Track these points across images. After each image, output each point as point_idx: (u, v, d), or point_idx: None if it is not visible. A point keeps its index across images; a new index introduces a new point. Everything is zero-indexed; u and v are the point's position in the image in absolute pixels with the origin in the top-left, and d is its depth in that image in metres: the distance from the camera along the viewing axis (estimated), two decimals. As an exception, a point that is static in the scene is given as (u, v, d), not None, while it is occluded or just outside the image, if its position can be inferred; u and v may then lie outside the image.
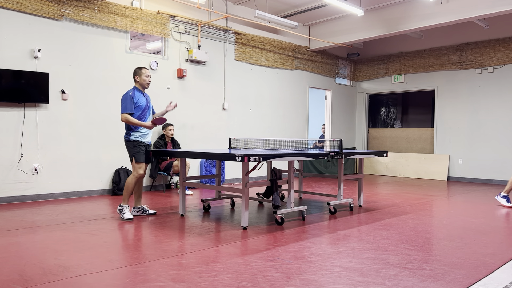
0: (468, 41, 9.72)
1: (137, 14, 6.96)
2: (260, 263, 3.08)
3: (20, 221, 4.50)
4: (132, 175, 4.64)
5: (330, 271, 2.93)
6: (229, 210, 5.41)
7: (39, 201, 5.84)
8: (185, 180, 5.02)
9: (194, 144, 7.94)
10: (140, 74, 4.70)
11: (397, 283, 2.70)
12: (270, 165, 5.97)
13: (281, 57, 9.62)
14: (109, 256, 3.23)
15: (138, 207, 4.88)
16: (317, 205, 5.83)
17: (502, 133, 9.16)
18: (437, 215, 5.19)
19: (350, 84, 11.89)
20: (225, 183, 8.38)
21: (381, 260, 3.22)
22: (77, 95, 6.32)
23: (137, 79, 4.72)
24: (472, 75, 9.68)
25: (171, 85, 7.52)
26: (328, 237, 3.95)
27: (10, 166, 5.69)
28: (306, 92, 10.36)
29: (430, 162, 10.23)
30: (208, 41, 8.13)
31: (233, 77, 8.63)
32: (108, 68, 6.68)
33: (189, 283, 2.65)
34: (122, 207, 4.63)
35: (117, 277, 2.75)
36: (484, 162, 9.37)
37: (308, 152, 4.67)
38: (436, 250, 3.54)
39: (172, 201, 6.05)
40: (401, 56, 11.01)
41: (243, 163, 4.03)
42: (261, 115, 9.24)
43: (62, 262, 3.06)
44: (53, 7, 6.03)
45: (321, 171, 10.49)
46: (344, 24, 9.56)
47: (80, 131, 6.37)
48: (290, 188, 4.63)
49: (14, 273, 2.81)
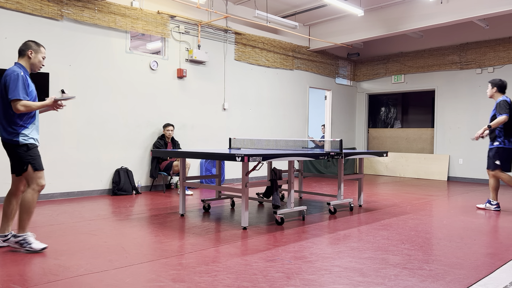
0: (468, 41, 9.72)
1: (137, 14, 6.95)
2: (260, 263, 3.08)
3: (20, 221, 4.49)
4: (32, 190, 3.32)
5: (330, 271, 2.93)
6: (229, 210, 5.41)
7: (39, 201, 5.84)
8: (185, 180, 5.02)
9: (194, 144, 7.94)
10: (38, 51, 3.46)
11: (397, 283, 2.70)
12: (270, 165, 5.97)
13: (281, 57, 9.62)
14: (109, 256, 3.23)
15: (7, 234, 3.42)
16: (317, 205, 5.83)
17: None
18: (437, 215, 5.19)
19: (350, 84, 11.89)
20: (225, 183, 8.38)
21: (381, 260, 3.22)
22: (77, 95, 6.32)
23: (30, 56, 3.43)
24: (472, 75, 9.68)
25: (171, 85, 7.52)
26: (328, 237, 3.95)
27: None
28: (306, 92, 10.36)
29: (430, 162, 10.23)
30: (208, 41, 8.13)
31: (233, 77, 8.63)
32: (108, 68, 6.67)
33: (189, 283, 2.65)
34: (25, 237, 3.32)
35: (117, 277, 2.75)
36: (484, 162, 9.36)
37: (308, 152, 4.67)
38: (436, 250, 3.54)
39: (172, 201, 6.05)
40: (401, 56, 11.00)
41: (243, 163, 4.03)
42: (261, 115, 9.23)
43: (62, 262, 3.06)
44: (53, 7, 6.03)
45: (321, 171, 10.49)
46: (344, 24, 9.56)
47: (80, 131, 6.37)
48: (290, 188, 4.63)
49: (14, 273, 2.81)
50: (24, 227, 3.31)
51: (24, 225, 3.31)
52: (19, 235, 3.32)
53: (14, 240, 3.32)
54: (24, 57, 3.43)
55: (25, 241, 3.30)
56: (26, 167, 3.31)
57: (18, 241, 3.31)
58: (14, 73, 3.28)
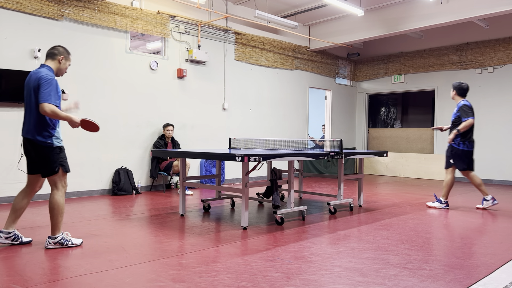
0: (468, 41, 9.72)
1: (137, 14, 6.96)
2: (260, 263, 3.08)
3: (20, 221, 4.49)
4: (60, 191, 3.42)
5: (330, 271, 2.93)
6: (229, 210, 5.41)
7: (39, 201, 5.84)
8: (185, 180, 5.02)
9: (194, 144, 7.94)
10: (67, 59, 3.58)
11: (397, 283, 2.70)
12: (270, 165, 5.97)
13: (281, 57, 9.62)
14: (109, 256, 3.23)
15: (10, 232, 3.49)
16: (317, 205, 5.83)
17: (502, 133, 9.16)
18: (437, 215, 5.19)
19: (350, 84, 11.89)
20: (225, 183, 8.38)
21: (381, 260, 3.22)
22: (77, 95, 6.32)
23: (61, 62, 3.53)
24: (472, 75, 9.68)
25: (171, 85, 7.52)
26: (328, 237, 3.95)
27: (10, 166, 5.69)
28: (306, 92, 10.36)
29: (430, 162, 10.22)
30: (208, 41, 8.13)
31: (233, 77, 8.63)
32: (108, 68, 6.67)
33: (189, 283, 2.65)
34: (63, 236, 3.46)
35: (117, 277, 2.75)
36: (484, 162, 9.36)
37: (308, 152, 4.67)
38: (436, 250, 3.54)
39: (172, 201, 6.05)
40: (401, 56, 11.00)
41: (243, 163, 4.03)
42: (261, 115, 9.23)
43: (62, 262, 3.06)
44: (53, 7, 6.03)
45: (321, 171, 10.49)
46: (344, 24, 9.56)
47: (80, 131, 6.37)
48: (290, 188, 4.63)
49: (14, 273, 2.81)
50: (60, 228, 3.44)
51: (60, 225, 3.43)
52: (55, 236, 3.42)
53: (54, 241, 3.42)
54: (54, 61, 3.50)
55: (65, 239, 3.46)
56: (57, 168, 3.40)
57: (58, 241, 3.43)
58: (49, 76, 3.34)
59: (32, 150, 3.39)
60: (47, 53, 3.52)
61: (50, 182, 3.42)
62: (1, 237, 3.45)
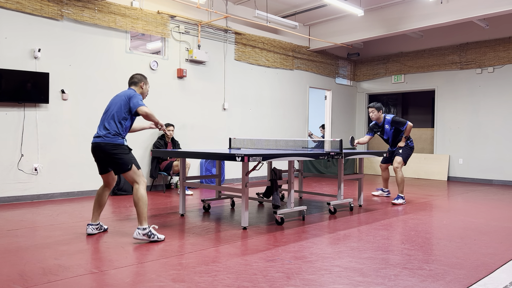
0: (468, 41, 9.72)
1: (137, 14, 6.96)
2: (260, 263, 3.08)
3: (20, 221, 4.50)
4: (141, 186, 3.80)
5: (330, 271, 2.93)
6: (229, 210, 5.41)
7: (39, 201, 5.84)
8: (185, 180, 5.02)
9: (194, 144, 7.94)
10: (147, 83, 4.14)
11: (397, 283, 2.70)
12: (270, 165, 5.97)
13: (281, 57, 9.62)
14: (109, 256, 3.23)
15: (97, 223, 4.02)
16: (317, 205, 5.83)
17: (502, 133, 9.16)
18: (437, 215, 5.19)
19: (350, 84, 11.89)
20: (225, 183, 8.38)
21: (381, 260, 3.22)
22: (77, 95, 6.33)
23: (142, 87, 4.10)
24: (472, 75, 9.68)
25: (171, 85, 7.52)
26: (328, 237, 3.95)
27: (10, 166, 5.69)
28: (306, 92, 10.36)
29: (430, 162, 10.23)
30: (208, 41, 8.13)
31: (233, 77, 8.63)
32: (108, 68, 6.67)
33: (189, 283, 2.65)
34: (150, 229, 3.73)
35: (117, 277, 2.75)
36: (484, 162, 9.37)
37: (308, 152, 4.67)
38: (436, 250, 3.54)
39: (172, 201, 6.05)
40: (401, 56, 11.00)
41: (243, 163, 4.03)
42: (261, 115, 9.24)
43: (62, 262, 3.06)
44: (53, 7, 6.03)
45: (321, 171, 10.48)
46: (344, 24, 9.56)
47: (80, 131, 6.37)
48: (290, 188, 4.63)
49: (14, 273, 2.81)
50: (146, 219, 3.73)
51: (145, 216, 3.72)
52: (143, 227, 3.69)
53: (142, 233, 3.67)
54: (136, 86, 4.08)
55: (152, 232, 3.71)
56: (130, 166, 3.85)
57: (146, 233, 3.69)
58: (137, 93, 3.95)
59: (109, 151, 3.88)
60: (129, 82, 4.07)
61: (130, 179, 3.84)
62: (93, 228, 3.95)
